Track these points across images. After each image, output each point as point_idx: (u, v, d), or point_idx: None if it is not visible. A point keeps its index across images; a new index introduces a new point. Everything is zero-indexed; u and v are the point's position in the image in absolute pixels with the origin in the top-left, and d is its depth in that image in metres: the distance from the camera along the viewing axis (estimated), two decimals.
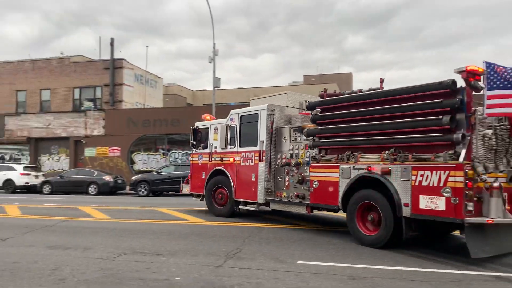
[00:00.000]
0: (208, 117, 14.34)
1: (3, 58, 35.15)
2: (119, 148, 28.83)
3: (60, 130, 30.41)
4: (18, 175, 23.51)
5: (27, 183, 23.51)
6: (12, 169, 24.06)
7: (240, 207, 11.90)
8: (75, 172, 23.89)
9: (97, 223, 11.34)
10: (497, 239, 7.06)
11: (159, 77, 37.63)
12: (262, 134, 11.05)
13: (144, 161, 28.77)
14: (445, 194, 6.86)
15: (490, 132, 7.13)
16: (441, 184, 6.91)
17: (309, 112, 9.94)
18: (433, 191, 7.01)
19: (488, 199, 6.74)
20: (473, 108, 6.99)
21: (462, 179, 6.65)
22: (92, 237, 9.27)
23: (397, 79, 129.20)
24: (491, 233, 6.96)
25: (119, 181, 23.27)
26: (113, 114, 29.57)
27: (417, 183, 7.28)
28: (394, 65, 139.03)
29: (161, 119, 28.63)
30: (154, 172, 22.82)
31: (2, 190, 23.46)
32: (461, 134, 6.85)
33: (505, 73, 6.82)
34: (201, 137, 13.68)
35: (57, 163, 30.61)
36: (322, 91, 10.45)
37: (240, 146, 11.83)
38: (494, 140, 7.15)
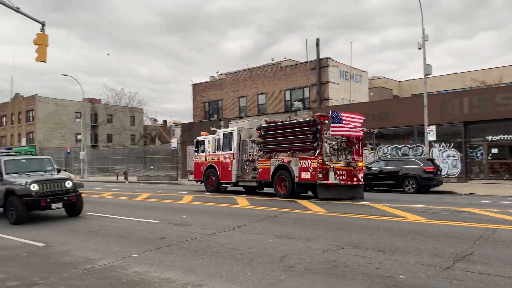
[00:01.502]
0: (205, 133, 23.07)
1: (227, 70, 40.61)
2: None
3: None
4: None
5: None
6: None
7: (222, 186, 21.47)
8: None
9: (315, 216, 11.92)
10: (333, 191, 15.87)
11: (363, 71, 37.32)
12: (234, 143, 20.13)
13: None
14: (310, 170, 15.77)
15: (334, 142, 16.42)
16: (309, 166, 15.85)
17: (259, 131, 18.74)
18: (306, 169, 15.98)
19: (329, 173, 15.48)
20: (323, 131, 15.91)
21: (316, 163, 15.50)
22: (312, 229, 9.77)
23: None
24: (330, 188, 15.72)
25: None
26: (321, 112, 30.67)
27: (301, 166, 16.23)
28: None
29: (367, 114, 28.10)
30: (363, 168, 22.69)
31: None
32: (316, 144, 15.70)
33: (340, 115, 15.62)
34: (200, 146, 22.63)
35: None
36: (266, 120, 19.75)
37: (222, 151, 20.86)
38: (336, 146, 16.44)
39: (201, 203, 16.00)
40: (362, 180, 16.66)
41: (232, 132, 20.40)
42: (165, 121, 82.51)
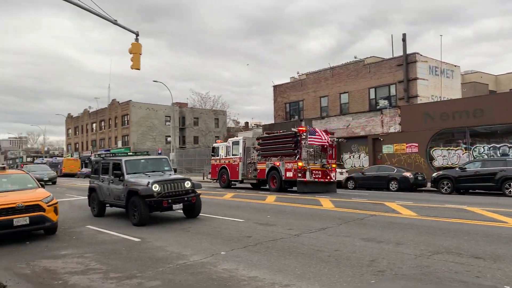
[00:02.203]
0: (219, 141, 28.50)
1: (308, 70, 40.31)
2: (416, 144, 28.29)
3: (359, 129, 32.33)
4: None
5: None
6: None
7: (232, 183, 25.90)
8: (376, 168, 24.87)
9: (404, 219, 11.38)
10: (310, 186, 20.86)
11: (455, 65, 34.89)
12: (240, 149, 24.90)
13: (444, 156, 27.17)
14: (292, 170, 20.95)
15: (311, 149, 21.30)
16: (292, 167, 21.02)
17: (258, 140, 24.14)
18: (290, 170, 21.21)
19: (306, 172, 20.66)
20: (302, 141, 20.92)
21: (296, 166, 20.65)
22: (402, 232, 9.34)
23: None
24: (307, 184, 20.84)
25: (419, 178, 22.78)
26: (409, 110, 29.26)
27: (286, 168, 21.41)
28: None
29: (460, 111, 26.41)
30: (457, 169, 21.19)
31: None
32: (296, 150, 21.17)
33: (315, 130, 21.19)
34: (215, 151, 27.46)
35: (357, 160, 32.71)
36: (266, 131, 26.70)
37: (232, 155, 25.58)
38: (313, 152, 21.36)
39: (284, 203, 16.07)
40: (334, 178, 21.82)
41: (239, 141, 25.69)
42: (247, 123, 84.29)
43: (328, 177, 21.26)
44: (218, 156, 27.01)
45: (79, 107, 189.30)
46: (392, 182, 22.68)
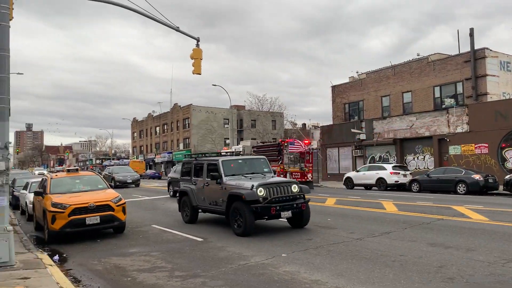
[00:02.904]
0: (226, 148, 36.10)
1: (368, 69, 39.19)
2: (486, 145, 26.59)
3: (423, 129, 30.94)
4: (388, 174, 25.44)
5: (397, 181, 25.11)
6: (383, 168, 26.24)
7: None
8: (442, 170, 23.66)
9: (475, 224, 10.72)
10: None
11: None
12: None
13: None
14: (277, 172, 22.73)
15: (292, 156, 26.56)
16: (276, 170, 23.53)
17: (253, 148, 29.94)
18: (275, 172, 20.59)
19: (287, 174, 24.69)
20: (284, 150, 25.91)
21: (279, 169, 24.77)
22: (472, 238, 8.81)
23: None
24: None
25: (490, 180, 21.36)
26: (478, 109, 27.58)
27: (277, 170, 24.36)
28: None
29: None
30: None
31: (375, 188, 26.02)
32: (279, 157, 25.98)
33: (294, 141, 26.46)
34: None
35: (421, 162, 31.33)
36: (259, 141, 37.53)
37: None
38: (293, 158, 26.30)
39: (345, 206, 15.75)
40: (311, 178, 25.60)
41: (240, 147, 33.00)
42: (304, 124, 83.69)
43: (305, 177, 25.04)
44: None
45: (143, 112, 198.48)
46: (460, 185, 21.47)
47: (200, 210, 12.16)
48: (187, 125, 70.43)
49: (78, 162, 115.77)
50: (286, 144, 26.08)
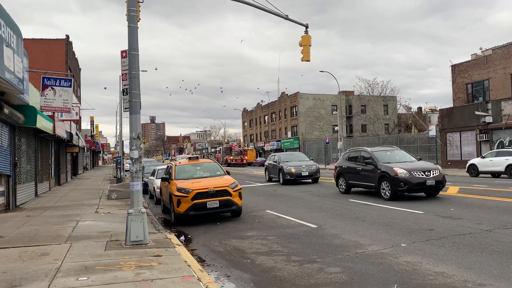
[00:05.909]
0: (233, 145, 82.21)
1: (494, 44, 35.09)
2: None
3: None
4: None
5: None
6: None
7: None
8: None
9: None
10: (234, 165, 67.80)
11: None
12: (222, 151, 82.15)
13: None
14: (230, 159, 72.10)
15: (236, 151, 75.27)
16: (230, 158, 73.85)
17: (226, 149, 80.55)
18: (231, 159, 72.86)
19: (233, 160, 71.92)
20: (232, 149, 76.30)
21: (230, 157, 74.12)
22: None
23: None
24: (234, 165, 67.01)
25: None
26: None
27: (229, 158, 74.23)
28: None
29: None
30: None
31: (505, 175, 23.42)
32: (231, 153, 75.76)
33: (232, 146, 78.68)
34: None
35: None
36: (232, 143, 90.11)
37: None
38: (237, 152, 72.92)
39: (469, 195, 14.48)
40: (245, 162, 65.45)
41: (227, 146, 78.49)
42: (419, 108, 78.55)
43: (242, 162, 65.01)
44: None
45: (253, 102, 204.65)
46: None
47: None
48: (294, 113, 70.94)
49: (195, 150, 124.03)
50: (233, 148, 68.12)
